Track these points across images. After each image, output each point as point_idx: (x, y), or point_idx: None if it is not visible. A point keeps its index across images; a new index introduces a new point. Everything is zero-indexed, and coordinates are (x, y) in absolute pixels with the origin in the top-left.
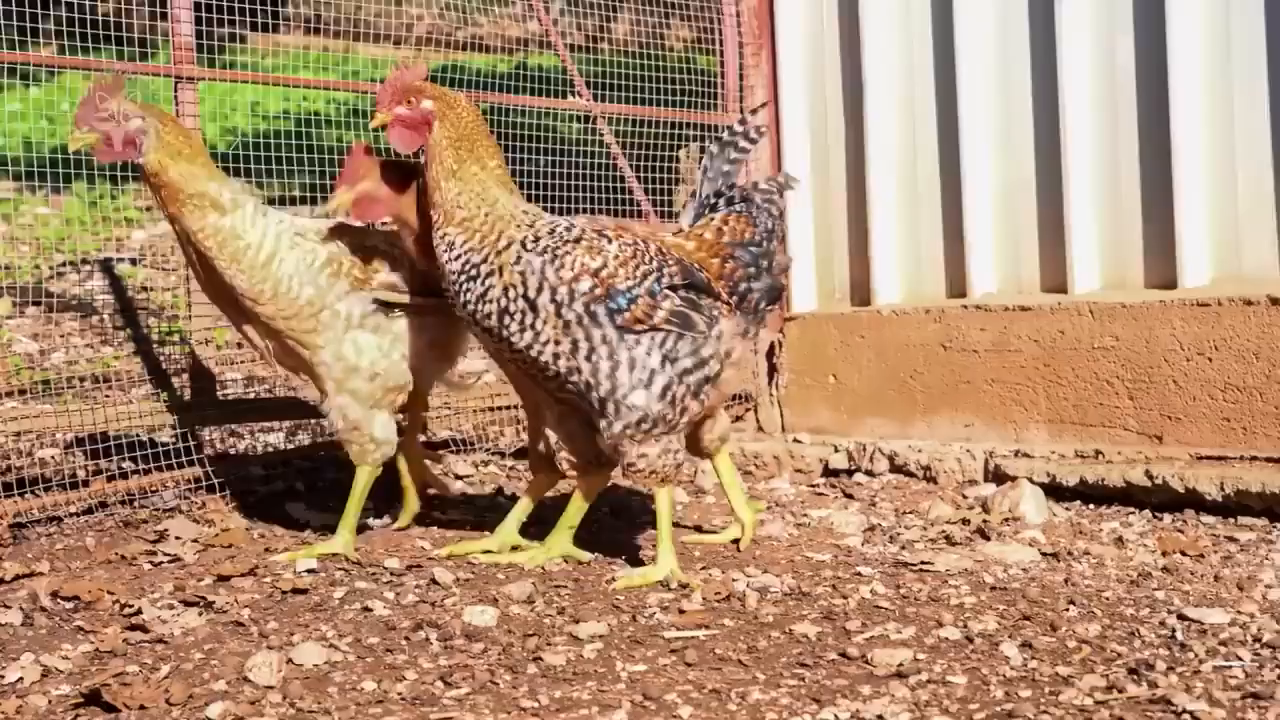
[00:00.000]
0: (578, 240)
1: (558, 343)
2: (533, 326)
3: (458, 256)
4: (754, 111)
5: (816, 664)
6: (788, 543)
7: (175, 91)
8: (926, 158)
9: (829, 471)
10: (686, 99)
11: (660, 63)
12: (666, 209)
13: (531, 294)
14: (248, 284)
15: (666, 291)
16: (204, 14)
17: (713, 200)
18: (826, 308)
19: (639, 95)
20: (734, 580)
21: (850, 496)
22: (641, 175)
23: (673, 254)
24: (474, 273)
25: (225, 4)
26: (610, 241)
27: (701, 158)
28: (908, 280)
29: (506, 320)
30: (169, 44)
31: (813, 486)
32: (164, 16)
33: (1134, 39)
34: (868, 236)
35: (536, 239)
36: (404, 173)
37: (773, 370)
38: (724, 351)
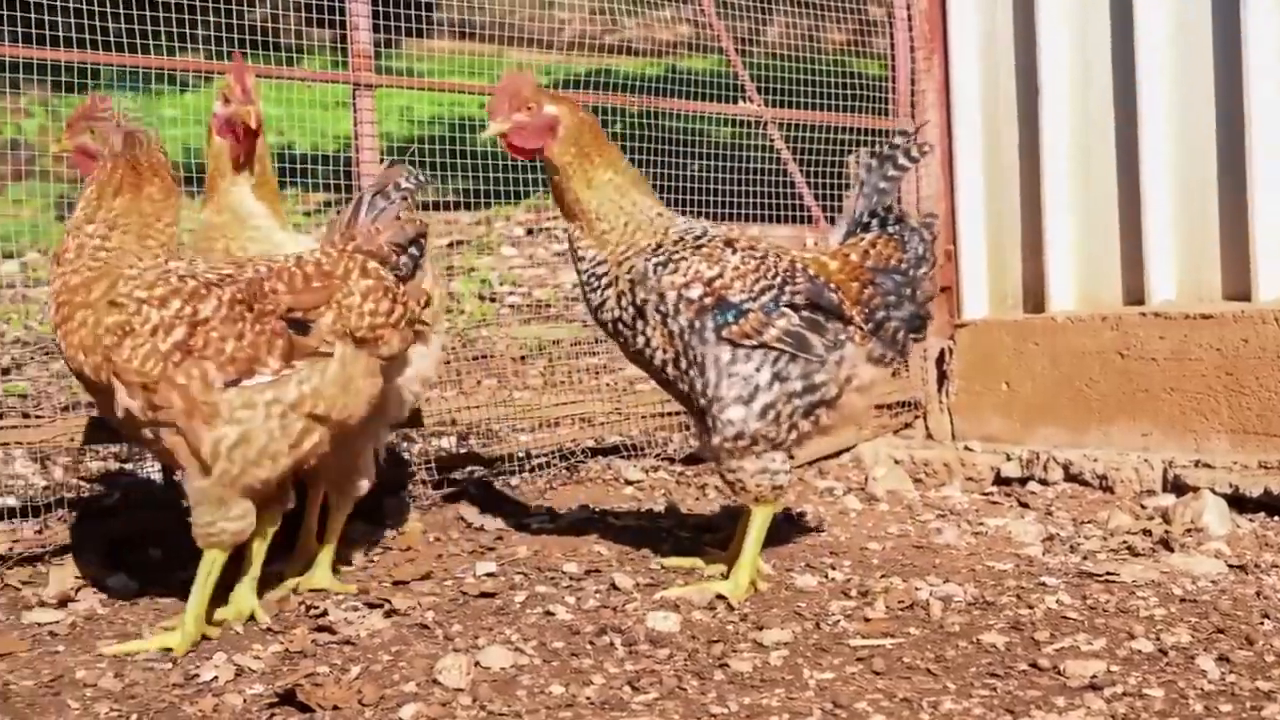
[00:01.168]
0: (698, 247)
1: (665, 350)
2: (643, 332)
3: (589, 269)
4: (918, 129)
5: (1007, 674)
6: (966, 551)
7: (354, 99)
8: (1102, 162)
9: (1000, 480)
10: (842, 103)
11: (815, 66)
12: (835, 215)
13: (639, 299)
14: None
15: (784, 310)
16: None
17: (866, 220)
18: (999, 314)
19: (793, 99)
20: (916, 589)
21: (1025, 505)
22: (810, 182)
23: (805, 272)
24: (604, 281)
25: (382, 10)
26: (734, 252)
27: (858, 170)
28: (1083, 286)
29: (623, 326)
30: (318, 51)
31: (985, 495)
32: (320, 24)
33: None
34: (1042, 242)
35: (659, 246)
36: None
37: (942, 377)
38: (844, 377)
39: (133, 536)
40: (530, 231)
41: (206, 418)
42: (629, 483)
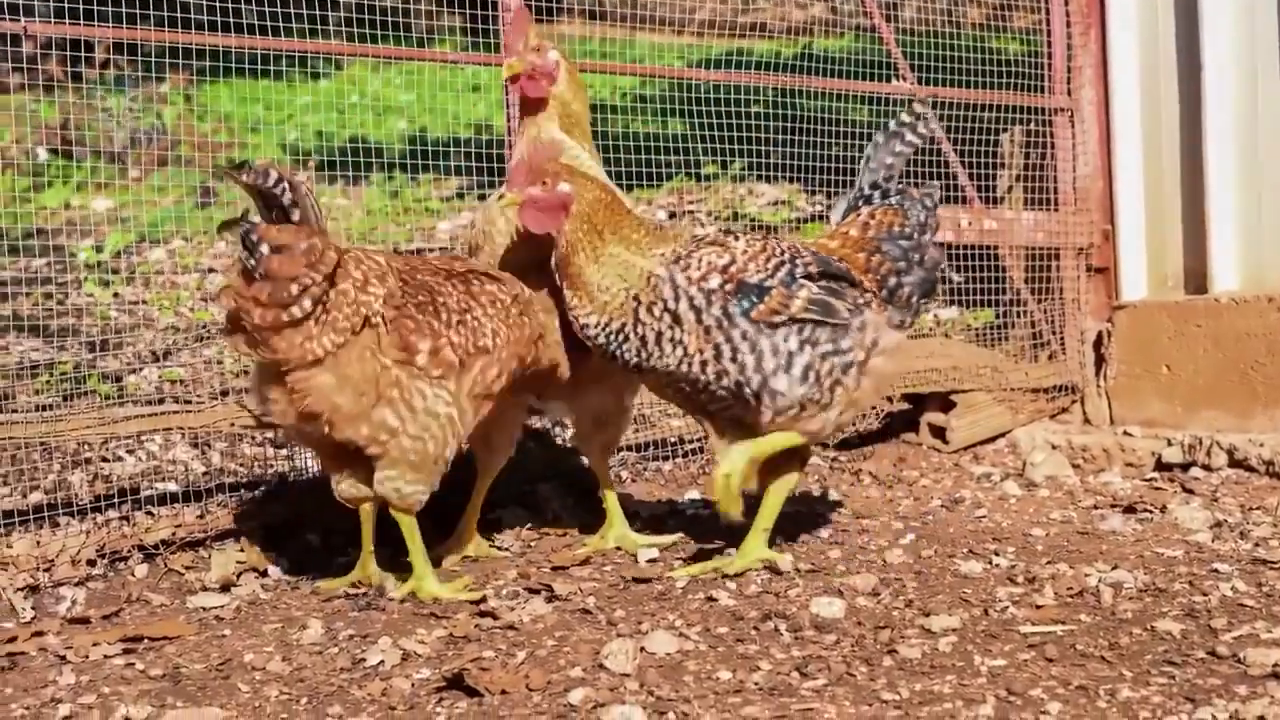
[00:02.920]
0: (702, 241)
1: (702, 351)
2: (681, 342)
3: (597, 335)
4: (921, 101)
5: (1185, 662)
6: (1133, 538)
7: (507, 82)
8: (1269, 138)
9: (1161, 465)
10: (981, 80)
11: (954, 44)
12: (989, 194)
13: (672, 304)
14: None
15: (802, 281)
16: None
17: (868, 192)
18: (1158, 296)
19: (933, 78)
20: (1085, 575)
21: (1189, 491)
22: (962, 162)
23: (808, 249)
24: (624, 334)
25: None
26: (737, 239)
27: (868, 148)
28: (1246, 267)
29: (661, 346)
30: (448, 35)
31: (1147, 480)
32: (449, 4)
33: None
34: (1204, 222)
35: (669, 258)
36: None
37: (1100, 361)
38: (869, 341)
39: (290, 522)
40: (672, 215)
41: None
42: None
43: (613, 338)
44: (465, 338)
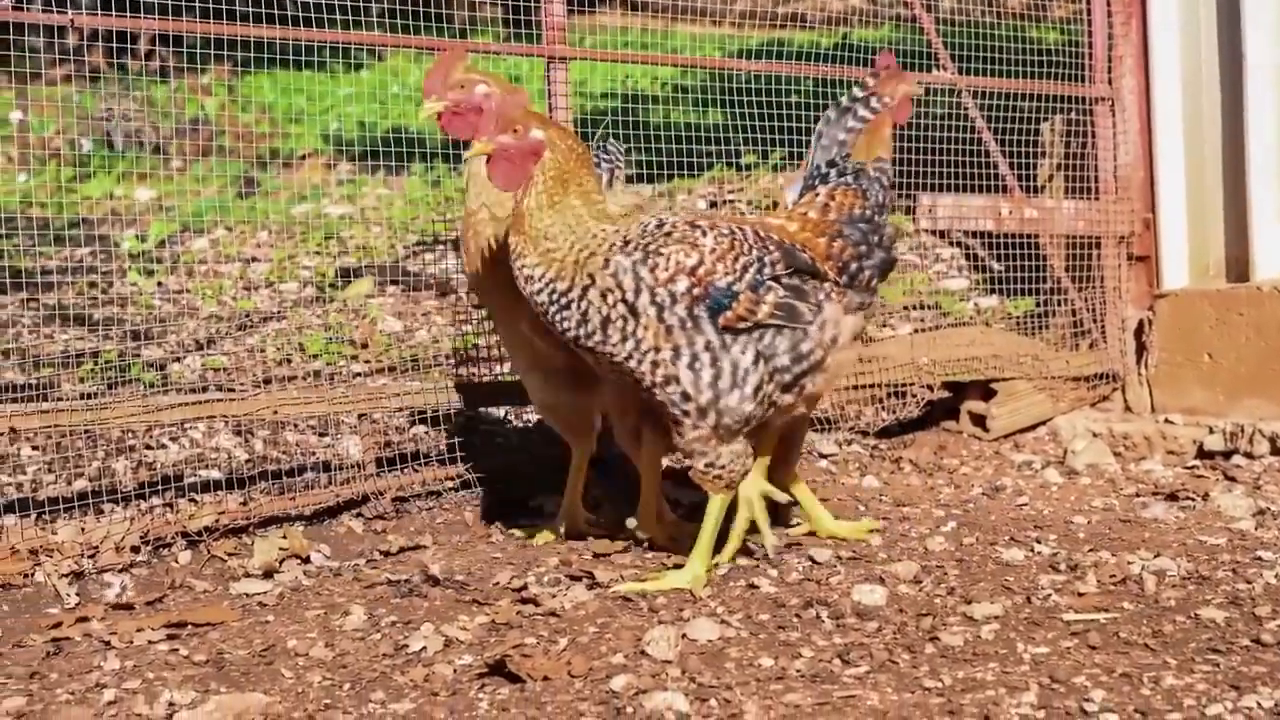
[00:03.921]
0: (669, 235)
1: (658, 349)
2: (634, 335)
3: (539, 291)
4: (875, 75)
5: (1229, 650)
6: (1175, 525)
7: (548, 71)
8: None
9: (1203, 453)
10: (1020, 69)
11: (994, 33)
12: (1029, 183)
13: (630, 297)
14: None
15: (769, 283)
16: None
17: (823, 170)
18: (1200, 284)
19: (974, 66)
20: (1128, 563)
21: (1231, 479)
22: (1004, 149)
23: (773, 238)
24: (565, 301)
25: None
26: (705, 233)
27: (819, 124)
28: None
29: (607, 332)
30: (489, 27)
31: (1189, 468)
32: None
33: None
34: (1246, 209)
35: (626, 241)
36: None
37: (1141, 349)
38: (829, 339)
39: (333, 509)
40: (713, 204)
41: None
42: (822, 456)
43: (555, 299)
44: None
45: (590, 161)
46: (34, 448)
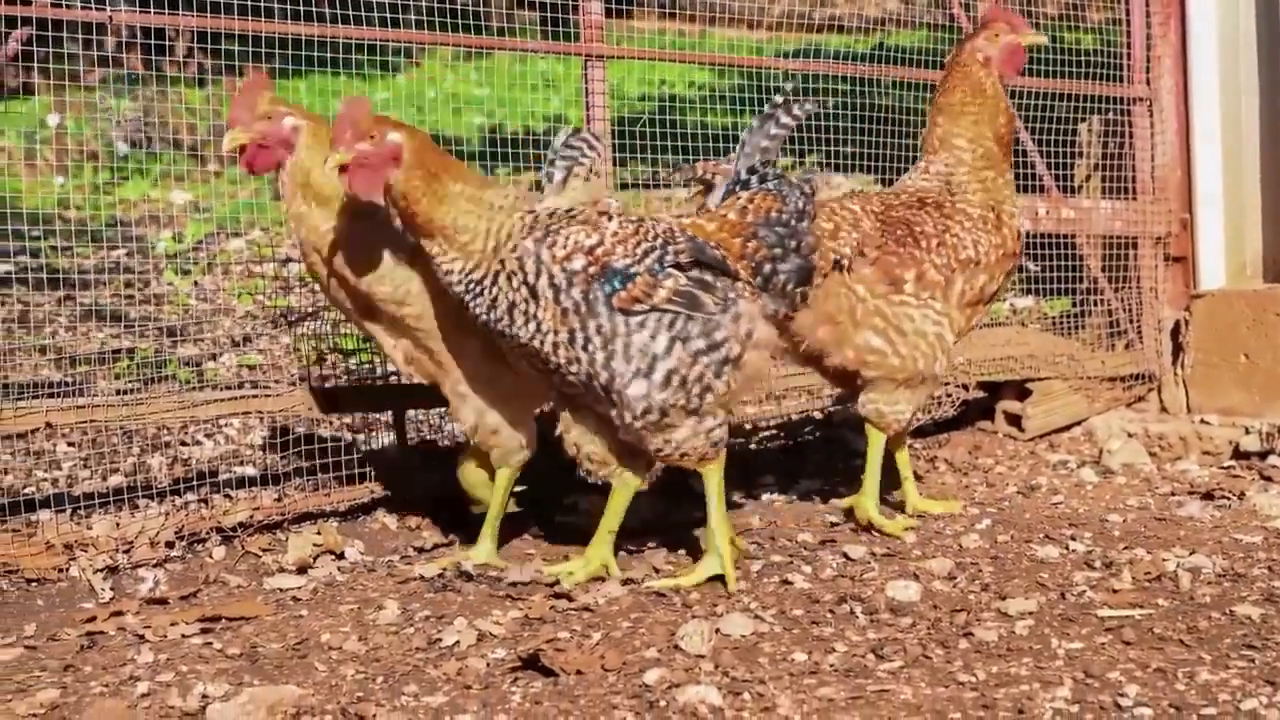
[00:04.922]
0: (573, 218)
1: (556, 332)
2: (535, 316)
3: (459, 281)
4: (789, 82)
5: (1265, 646)
6: (1211, 524)
7: (585, 69)
8: None
9: (1239, 454)
10: (1060, 70)
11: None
12: (1066, 184)
13: (531, 279)
14: None
15: (670, 270)
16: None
17: (745, 177)
18: (1237, 284)
19: None
20: (1163, 560)
21: (1268, 479)
22: (1042, 150)
23: (684, 233)
24: (479, 289)
25: None
26: (610, 219)
27: (743, 133)
28: None
29: (513, 315)
30: (524, 30)
31: (1224, 469)
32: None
33: None
34: None
35: (533, 225)
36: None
37: (1177, 350)
38: (744, 333)
39: (366, 505)
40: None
41: None
42: (855, 454)
43: (472, 287)
44: (947, 257)
45: (439, 148)
46: (70, 444)
